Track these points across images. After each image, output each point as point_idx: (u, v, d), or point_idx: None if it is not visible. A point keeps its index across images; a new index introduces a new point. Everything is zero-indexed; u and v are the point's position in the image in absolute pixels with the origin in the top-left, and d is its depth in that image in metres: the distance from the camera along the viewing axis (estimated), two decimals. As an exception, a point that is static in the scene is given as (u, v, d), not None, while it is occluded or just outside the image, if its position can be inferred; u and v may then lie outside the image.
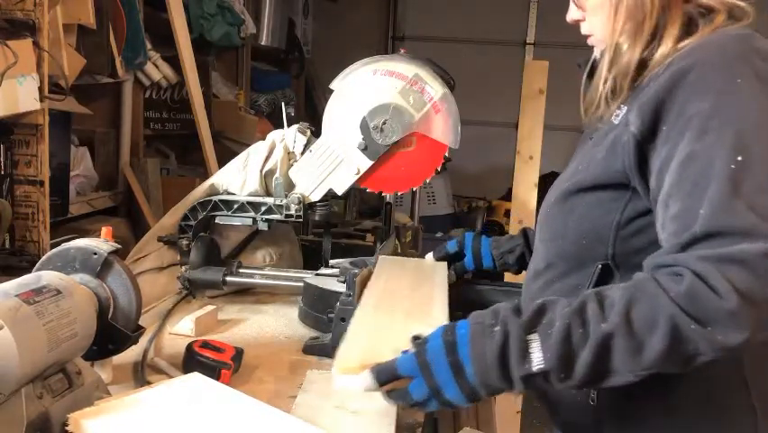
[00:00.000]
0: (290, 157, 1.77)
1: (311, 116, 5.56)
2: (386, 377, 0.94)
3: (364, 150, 1.67)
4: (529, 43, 5.61)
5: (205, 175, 3.21)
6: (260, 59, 4.69)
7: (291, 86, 5.11)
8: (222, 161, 3.31)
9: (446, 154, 1.69)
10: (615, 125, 1.07)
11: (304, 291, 1.64)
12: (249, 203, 1.76)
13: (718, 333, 0.84)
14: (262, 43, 4.53)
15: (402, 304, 1.29)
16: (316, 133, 1.78)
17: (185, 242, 1.77)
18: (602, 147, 1.09)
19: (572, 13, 1.16)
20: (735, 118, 0.92)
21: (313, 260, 1.98)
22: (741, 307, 0.83)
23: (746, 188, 0.88)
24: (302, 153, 1.76)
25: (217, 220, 1.79)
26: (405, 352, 0.95)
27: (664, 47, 1.03)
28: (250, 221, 1.77)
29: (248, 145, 1.87)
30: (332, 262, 1.81)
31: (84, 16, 2.32)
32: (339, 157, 1.70)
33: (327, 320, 1.47)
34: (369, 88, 1.67)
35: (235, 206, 1.77)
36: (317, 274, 1.71)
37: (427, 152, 1.68)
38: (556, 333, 0.88)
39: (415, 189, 2.99)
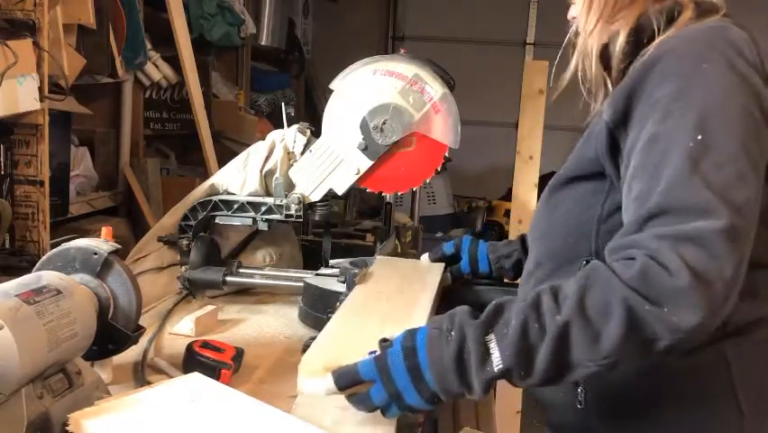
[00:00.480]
0: (290, 157, 1.77)
1: (311, 116, 5.56)
2: (346, 381, 0.93)
3: (364, 150, 1.67)
4: (529, 43, 5.61)
5: (205, 175, 3.21)
6: (260, 59, 4.69)
7: (291, 86, 5.10)
8: (222, 161, 3.31)
9: (446, 154, 1.69)
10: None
11: (304, 291, 1.64)
12: (249, 203, 1.76)
13: (672, 313, 0.83)
14: (262, 43, 4.53)
15: (384, 307, 1.29)
16: (316, 133, 1.78)
17: (185, 242, 1.77)
18: (581, 139, 1.12)
19: (571, 10, 1.18)
20: (698, 100, 0.92)
21: (313, 260, 1.98)
22: (693, 285, 0.82)
23: (704, 167, 0.88)
24: (302, 153, 1.76)
25: (217, 220, 1.79)
26: (371, 353, 0.95)
27: (621, 37, 1.07)
28: (250, 221, 1.77)
29: (248, 145, 1.87)
30: (332, 262, 1.81)
31: (84, 16, 2.32)
32: (339, 157, 1.70)
33: (327, 320, 1.47)
34: (369, 88, 1.67)
35: (235, 206, 1.77)
36: (317, 274, 1.71)
37: (427, 151, 1.68)
38: (512, 331, 0.87)
39: (415, 189, 2.99)
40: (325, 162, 1.72)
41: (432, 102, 1.64)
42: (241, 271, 1.76)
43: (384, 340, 0.96)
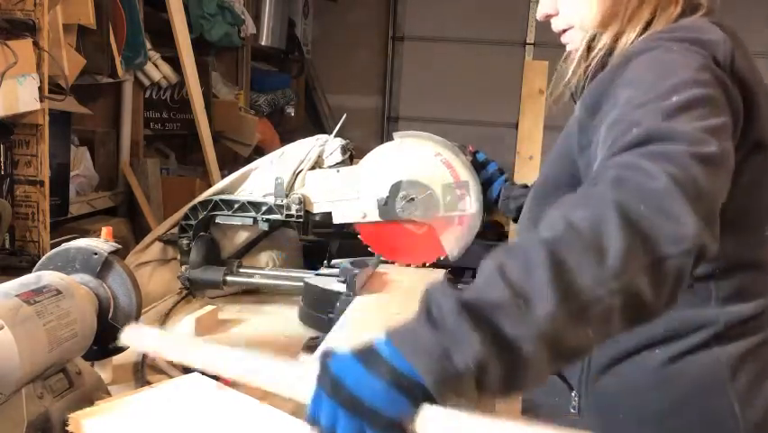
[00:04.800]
0: (318, 162, 1.76)
1: (311, 116, 5.56)
2: None
3: (382, 206, 1.67)
4: (529, 43, 5.61)
5: (206, 175, 3.21)
6: (260, 60, 4.69)
7: (291, 86, 5.10)
8: (222, 161, 3.32)
9: (441, 258, 1.69)
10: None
11: (304, 291, 1.64)
12: (249, 202, 1.76)
13: (668, 221, 0.70)
14: (262, 43, 4.53)
15: (387, 317, 1.30)
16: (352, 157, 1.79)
17: (185, 241, 1.76)
18: (558, 140, 1.11)
19: (545, 8, 1.13)
20: (657, 76, 0.88)
21: (313, 260, 1.98)
22: (674, 186, 0.71)
23: (682, 116, 0.81)
24: (330, 167, 1.75)
25: (218, 220, 1.79)
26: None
27: (631, 34, 1.03)
28: (250, 221, 1.76)
29: (248, 145, 1.87)
30: (332, 262, 1.81)
31: (84, 16, 2.32)
32: (357, 195, 1.70)
33: (327, 320, 1.47)
34: (423, 163, 1.66)
35: (236, 205, 1.76)
36: (317, 274, 1.71)
37: (427, 245, 1.68)
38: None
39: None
40: (343, 190, 1.71)
41: (462, 213, 1.64)
42: (241, 270, 1.75)
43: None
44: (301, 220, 1.74)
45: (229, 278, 1.72)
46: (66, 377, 0.95)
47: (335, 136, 1.80)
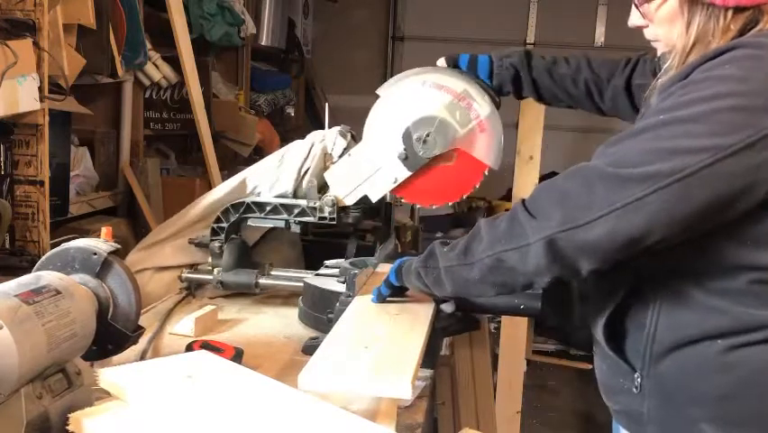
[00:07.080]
0: (327, 159, 1.75)
1: (311, 116, 5.56)
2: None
3: (404, 160, 1.63)
4: (529, 43, 5.61)
5: (206, 175, 3.21)
6: (260, 60, 4.69)
7: (291, 86, 5.10)
8: (222, 161, 3.32)
9: (486, 172, 1.65)
10: None
11: (304, 291, 1.64)
12: (282, 205, 1.74)
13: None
14: (262, 43, 4.53)
15: (386, 320, 1.30)
16: (357, 137, 1.76)
17: (217, 244, 1.75)
18: None
19: (635, 20, 1.21)
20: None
21: (313, 260, 1.97)
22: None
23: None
24: (340, 156, 1.74)
25: (249, 222, 1.78)
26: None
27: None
28: (282, 223, 1.76)
29: (248, 145, 1.87)
30: (331, 262, 1.81)
31: (84, 16, 2.32)
32: (377, 164, 1.66)
33: (327, 320, 1.47)
34: (416, 99, 1.62)
35: (268, 208, 1.75)
36: (317, 274, 1.71)
37: (467, 168, 1.63)
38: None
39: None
40: (363, 168, 1.68)
41: (478, 120, 1.60)
42: (272, 273, 1.75)
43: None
44: (335, 222, 1.72)
45: (262, 280, 1.72)
46: (65, 377, 0.94)
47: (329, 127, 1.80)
